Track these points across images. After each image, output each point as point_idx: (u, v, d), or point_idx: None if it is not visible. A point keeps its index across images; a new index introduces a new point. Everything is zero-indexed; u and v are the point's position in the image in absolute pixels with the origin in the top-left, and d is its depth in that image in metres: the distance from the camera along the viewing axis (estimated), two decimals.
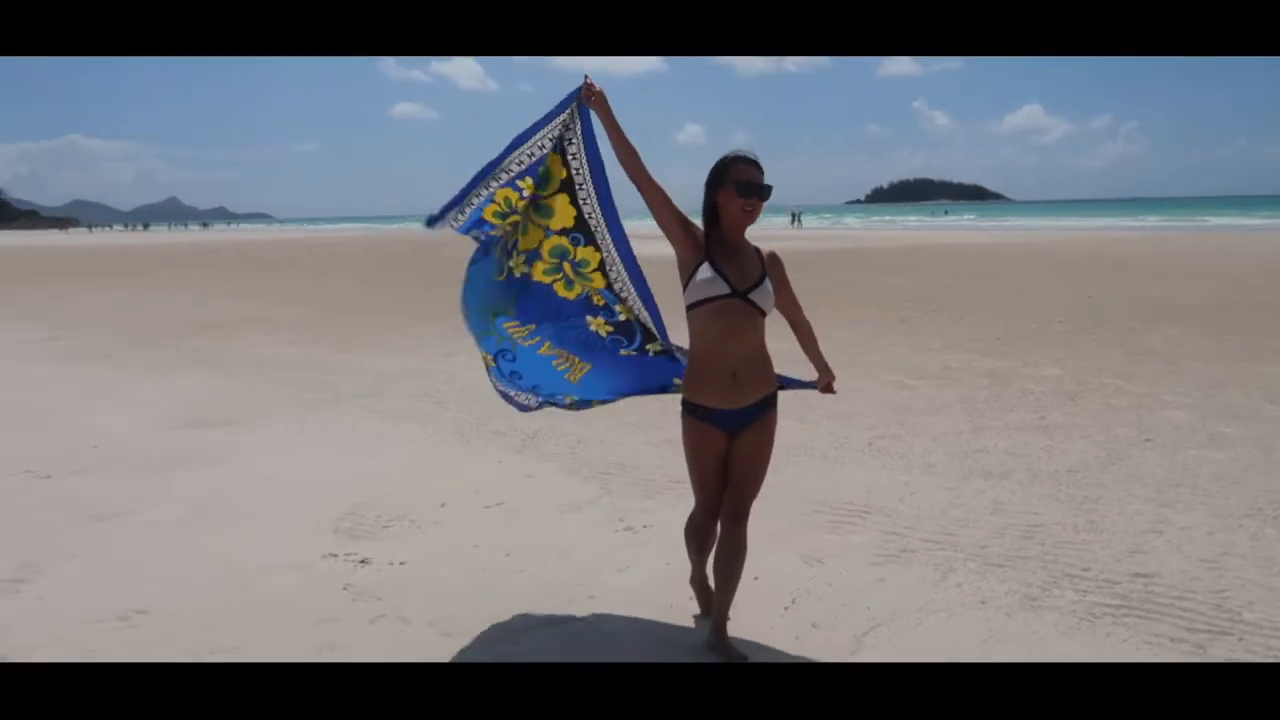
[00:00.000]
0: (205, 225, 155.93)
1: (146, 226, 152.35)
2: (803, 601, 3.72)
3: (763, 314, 3.13)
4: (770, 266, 3.21)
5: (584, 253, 3.44)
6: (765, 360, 3.22)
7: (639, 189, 3.22)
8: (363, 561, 4.15)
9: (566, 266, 3.45)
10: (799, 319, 3.43)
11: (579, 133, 3.30)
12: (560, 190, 3.37)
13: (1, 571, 4.04)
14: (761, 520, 3.46)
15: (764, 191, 3.09)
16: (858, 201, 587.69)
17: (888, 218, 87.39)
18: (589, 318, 3.51)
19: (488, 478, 5.45)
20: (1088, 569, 3.96)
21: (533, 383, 3.69)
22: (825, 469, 5.52)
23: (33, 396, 8.09)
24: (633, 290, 3.48)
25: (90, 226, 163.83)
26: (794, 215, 69.01)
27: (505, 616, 3.59)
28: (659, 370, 3.63)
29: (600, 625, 3.54)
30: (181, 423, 6.98)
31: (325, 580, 3.95)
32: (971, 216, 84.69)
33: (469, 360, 7.68)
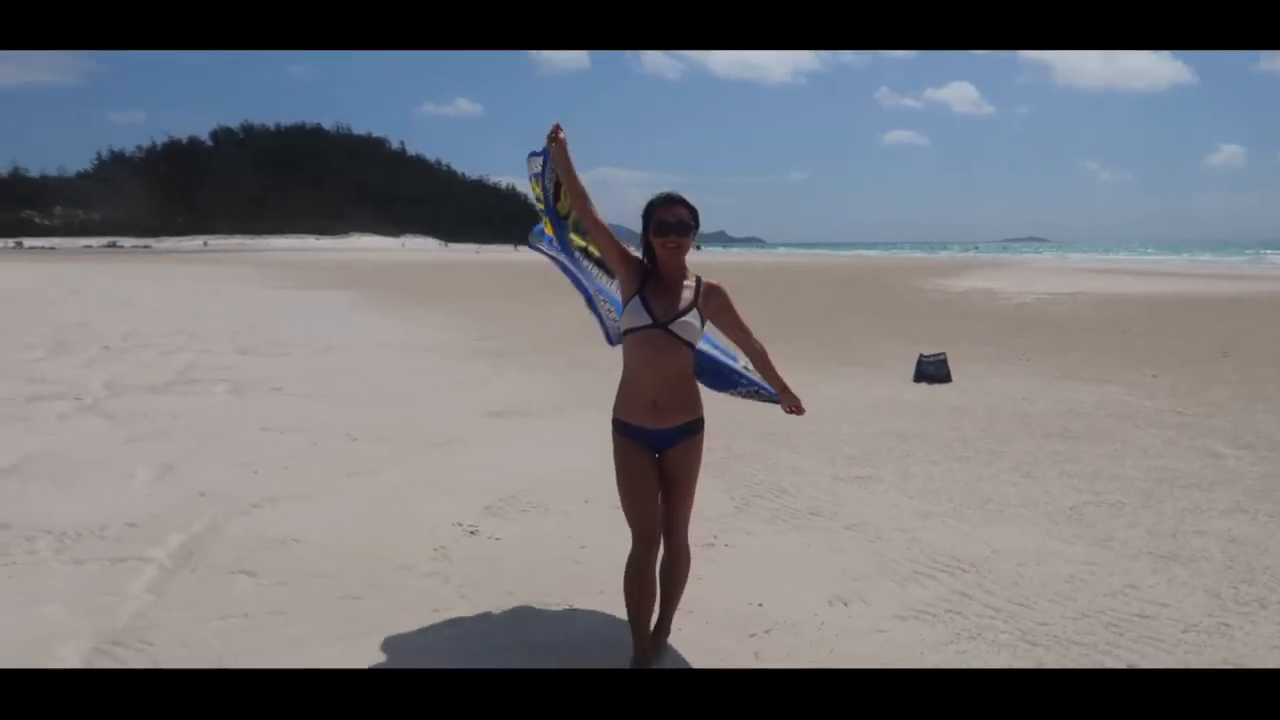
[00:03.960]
0: (698, 247, 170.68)
1: None
2: None
3: (685, 344, 3.35)
4: (705, 299, 3.41)
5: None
6: (689, 388, 3.42)
7: (588, 227, 3.61)
8: (472, 532, 5.01)
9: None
10: (749, 344, 3.60)
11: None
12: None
13: (253, 498, 5.57)
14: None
15: (680, 229, 3.34)
16: None
17: None
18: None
19: None
20: None
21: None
22: None
23: (401, 372, 10.29)
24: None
25: None
26: None
27: (514, 602, 4.13)
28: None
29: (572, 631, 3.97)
30: (493, 411, 8.47)
31: (432, 538, 4.87)
32: None
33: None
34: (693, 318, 3.35)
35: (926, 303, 23.59)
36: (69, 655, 3.54)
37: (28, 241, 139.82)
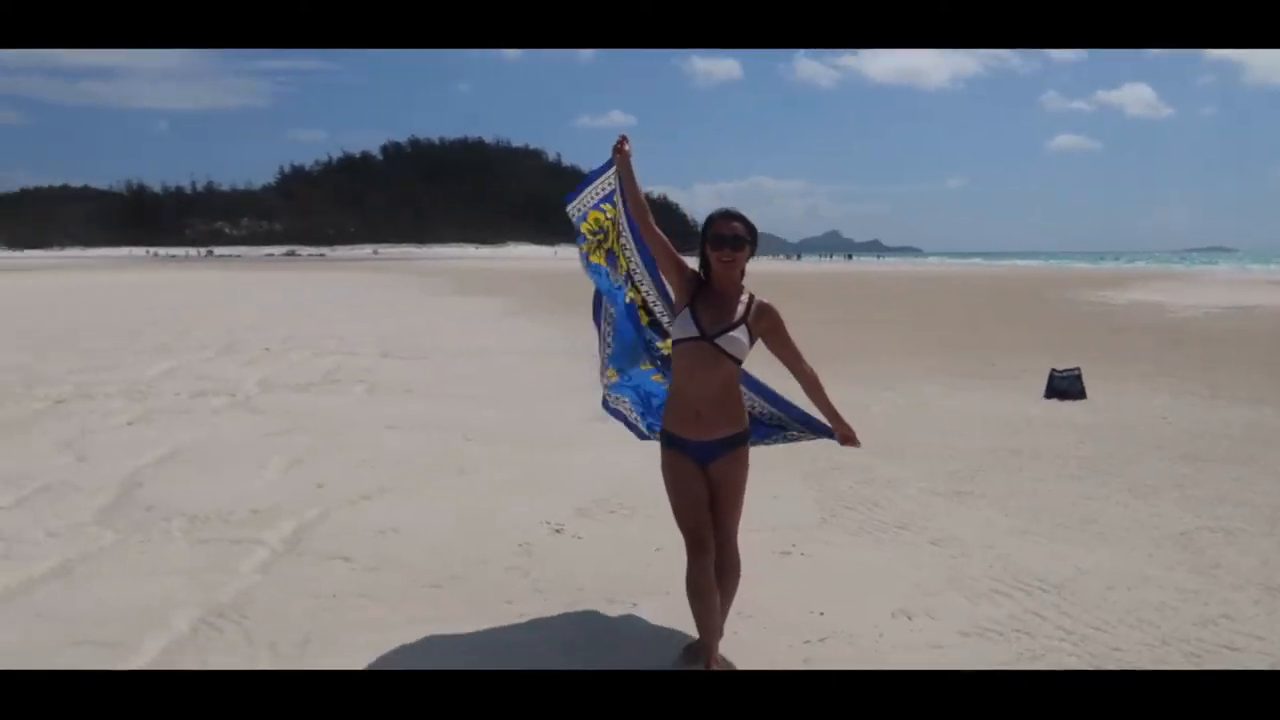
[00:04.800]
0: (849, 257, 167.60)
1: (799, 257, 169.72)
2: None
3: (731, 358, 3.39)
4: (756, 317, 3.45)
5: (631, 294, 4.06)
6: (732, 401, 3.45)
7: (645, 239, 3.69)
8: (557, 530, 5.22)
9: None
10: (799, 369, 3.57)
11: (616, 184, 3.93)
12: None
13: (364, 490, 5.98)
14: None
15: (735, 243, 3.41)
16: None
17: None
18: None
19: (768, 506, 6.03)
20: None
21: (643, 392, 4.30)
22: None
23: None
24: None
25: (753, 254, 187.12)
26: None
27: (581, 598, 4.30)
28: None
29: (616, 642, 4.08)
30: (603, 416, 8.68)
31: (519, 535, 5.11)
32: None
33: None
34: (740, 333, 3.39)
35: (1080, 315, 22.44)
36: (179, 623, 3.95)
37: (218, 250, 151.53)
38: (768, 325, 3.50)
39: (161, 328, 17.17)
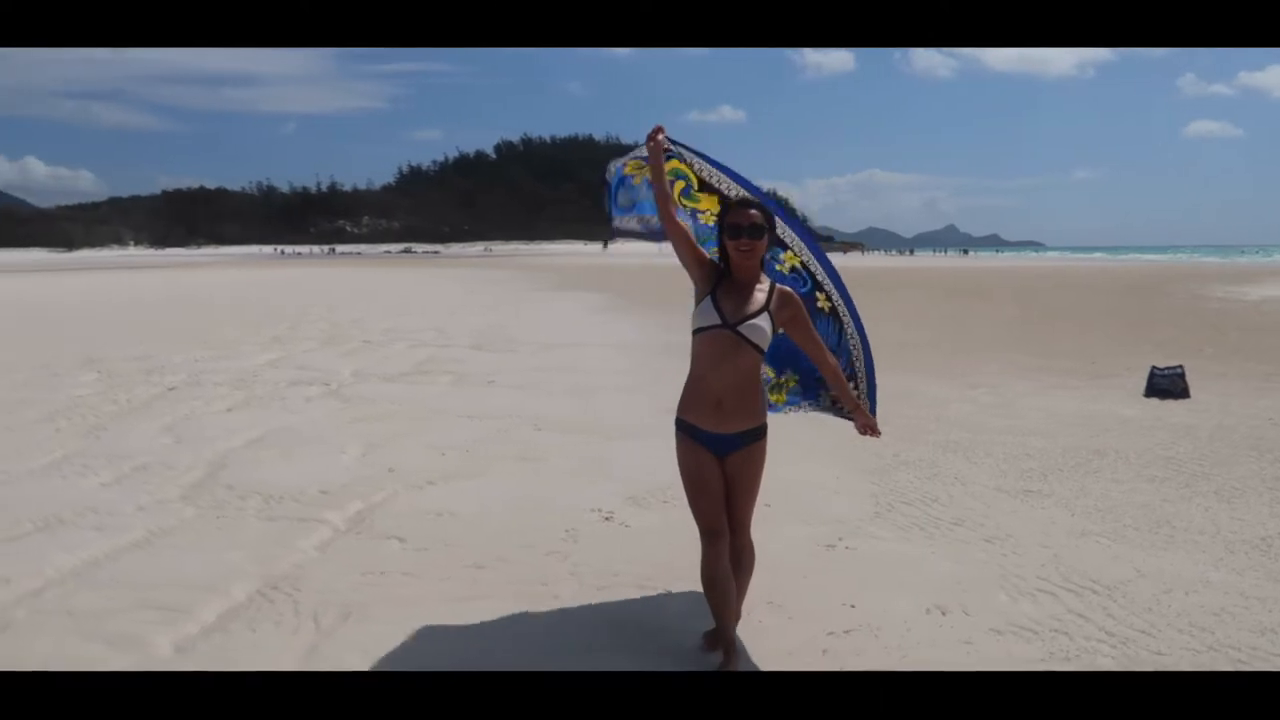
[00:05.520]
0: (965, 252, 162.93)
1: (912, 252, 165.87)
2: None
3: (755, 347, 3.38)
4: (778, 305, 3.44)
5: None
6: (754, 393, 3.43)
7: (665, 228, 3.71)
8: (606, 518, 5.31)
9: None
10: (822, 359, 3.56)
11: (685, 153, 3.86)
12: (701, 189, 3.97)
13: (430, 475, 6.20)
14: None
15: (753, 232, 3.41)
16: None
17: None
18: None
19: (824, 500, 6.01)
20: None
21: None
22: None
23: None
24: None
25: (863, 250, 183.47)
26: None
27: (614, 583, 4.39)
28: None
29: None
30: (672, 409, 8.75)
31: (567, 521, 5.23)
32: None
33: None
34: (763, 321, 3.38)
35: (1204, 312, 21.25)
36: (237, 593, 4.21)
37: (339, 247, 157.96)
38: (790, 314, 3.48)
39: (277, 321, 18.06)
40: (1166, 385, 9.73)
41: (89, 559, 4.64)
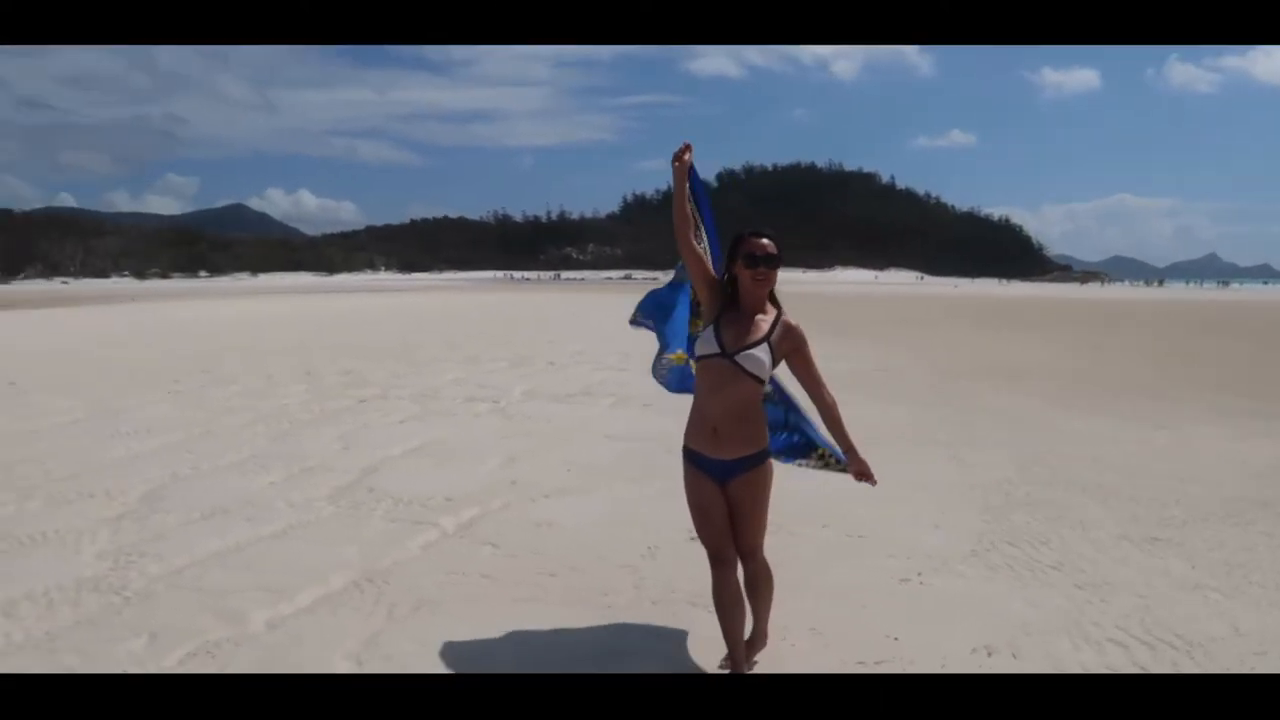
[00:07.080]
0: (1225, 283, 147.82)
1: (1161, 283, 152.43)
2: None
3: (752, 377, 3.41)
4: (781, 336, 3.47)
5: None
6: (751, 421, 3.45)
7: (681, 252, 3.78)
8: (691, 538, 5.43)
9: None
10: (819, 394, 3.55)
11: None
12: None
13: (548, 489, 6.59)
14: None
15: (769, 261, 3.49)
16: None
17: None
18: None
19: (920, 534, 5.90)
20: None
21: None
22: None
23: None
24: None
25: (1103, 281, 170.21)
26: None
27: (670, 599, 4.54)
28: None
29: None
30: None
31: (653, 539, 5.43)
32: None
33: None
34: (761, 352, 3.41)
35: None
36: (336, 582, 4.73)
37: (565, 274, 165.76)
38: (791, 346, 3.51)
39: (479, 342, 19.38)
40: None
41: (232, 544, 5.35)
